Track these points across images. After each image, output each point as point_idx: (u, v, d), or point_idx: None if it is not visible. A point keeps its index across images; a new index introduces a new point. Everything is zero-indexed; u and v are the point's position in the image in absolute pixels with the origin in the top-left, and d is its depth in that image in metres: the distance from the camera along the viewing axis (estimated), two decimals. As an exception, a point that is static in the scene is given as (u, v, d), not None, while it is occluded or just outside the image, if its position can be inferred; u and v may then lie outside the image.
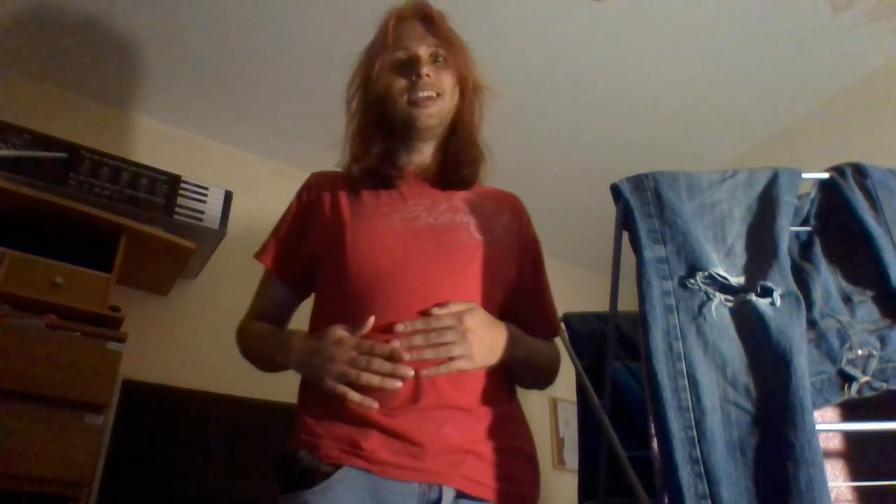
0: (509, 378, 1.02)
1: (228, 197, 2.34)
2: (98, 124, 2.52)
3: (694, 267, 1.07)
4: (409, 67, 1.07)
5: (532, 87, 2.54)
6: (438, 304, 0.92)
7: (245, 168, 2.83)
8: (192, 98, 2.59)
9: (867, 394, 1.01)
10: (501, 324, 1.00)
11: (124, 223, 2.00)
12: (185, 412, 2.17)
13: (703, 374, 0.99)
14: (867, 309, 1.10)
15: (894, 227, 1.11)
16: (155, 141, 2.64)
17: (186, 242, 2.13)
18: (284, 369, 1.06)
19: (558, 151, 2.90)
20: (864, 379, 1.01)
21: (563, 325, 1.92)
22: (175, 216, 2.19)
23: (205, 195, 2.29)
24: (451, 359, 0.89)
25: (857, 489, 1.19)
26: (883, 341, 1.03)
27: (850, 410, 1.15)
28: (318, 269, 1.07)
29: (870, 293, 1.11)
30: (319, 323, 1.01)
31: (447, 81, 1.10)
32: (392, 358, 0.88)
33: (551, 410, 3.24)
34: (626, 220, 1.16)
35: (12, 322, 1.62)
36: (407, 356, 0.88)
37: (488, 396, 0.94)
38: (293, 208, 1.15)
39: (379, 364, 0.88)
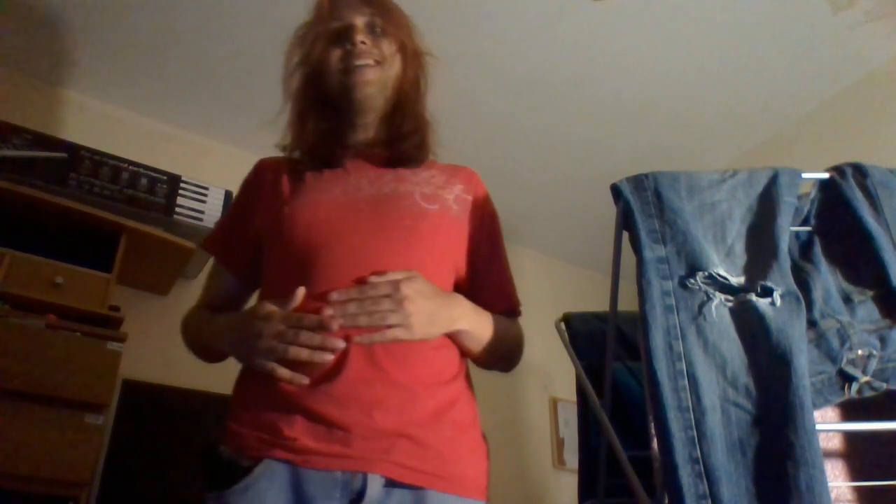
0: (457, 354, 0.96)
1: (228, 197, 2.34)
2: (97, 124, 2.52)
3: (694, 267, 1.08)
4: (345, 37, 1.03)
5: (532, 87, 2.54)
6: (376, 273, 0.88)
7: (245, 168, 2.81)
8: (193, 98, 2.59)
9: (867, 394, 1.01)
10: (449, 295, 0.95)
11: (124, 223, 2.00)
12: (185, 412, 2.17)
13: (703, 374, 0.99)
14: (867, 309, 1.10)
15: (894, 227, 1.11)
16: (155, 141, 2.64)
17: (186, 242, 2.13)
18: (224, 357, 1.01)
19: (558, 151, 2.90)
20: (864, 379, 1.01)
21: (563, 325, 1.93)
22: (175, 216, 2.19)
23: (205, 195, 2.29)
24: (389, 327, 0.84)
25: (857, 489, 1.19)
26: (883, 341, 1.03)
27: (850, 410, 1.15)
28: (263, 252, 1.03)
29: (870, 293, 1.11)
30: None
31: (386, 49, 1.04)
32: (321, 328, 0.83)
33: (551, 410, 3.24)
34: (626, 220, 1.16)
35: (12, 322, 1.62)
36: (336, 326, 0.83)
37: (432, 373, 0.89)
38: (237, 195, 1.13)
39: (307, 337, 0.83)
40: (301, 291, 0.87)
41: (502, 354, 1.04)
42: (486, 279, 1.06)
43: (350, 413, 0.82)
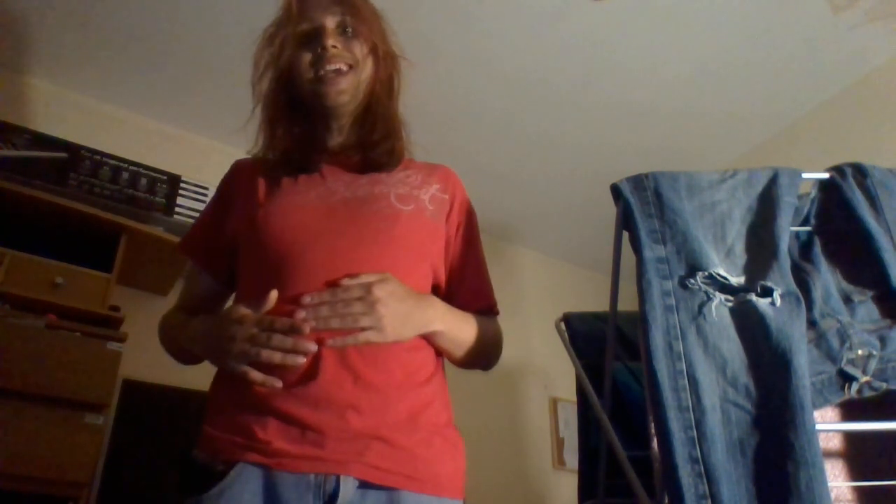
0: (433, 355, 0.96)
1: (228, 197, 2.34)
2: (97, 124, 2.52)
3: (694, 267, 1.08)
4: (315, 40, 1.00)
5: (532, 87, 2.54)
6: (349, 276, 0.88)
7: (245, 168, 2.82)
8: (193, 98, 2.59)
9: (867, 394, 1.01)
10: (422, 296, 0.94)
11: (124, 223, 2.00)
12: (184, 412, 2.16)
13: (704, 374, 0.99)
14: (867, 309, 1.10)
15: (894, 227, 1.11)
16: (155, 141, 2.64)
17: (186, 242, 2.13)
18: (199, 360, 1.01)
19: (558, 151, 2.90)
20: (864, 379, 1.01)
21: (563, 325, 1.92)
22: (175, 216, 2.20)
23: (205, 195, 2.29)
24: (361, 330, 0.85)
25: (857, 489, 1.19)
26: (883, 341, 1.03)
27: (851, 410, 1.15)
28: (238, 255, 1.03)
29: (870, 293, 1.11)
30: (238, 304, 0.96)
31: (357, 52, 1.02)
32: (293, 331, 0.83)
33: (551, 410, 3.24)
34: (626, 220, 1.16)
35: (12, 322, 1.62)
36: (308, 329, 0.83)
37: (406, 375, 0.88)
38: (213, 197, 1.12)
39: (279, 340, 0.83)
40: (274, 294, 0.87)
41: (480, 354, 1.03)
42: (463, 278, 1.05)
43: (324, 415, 0.82)
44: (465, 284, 1.05)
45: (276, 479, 0.80)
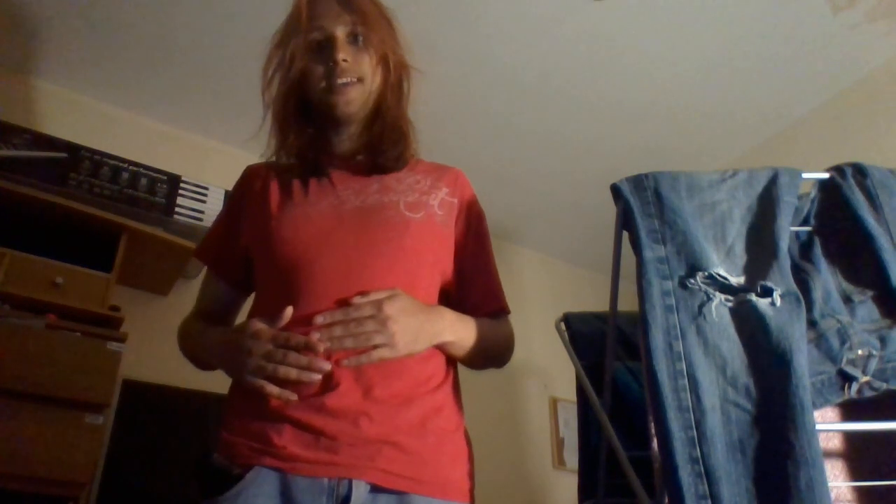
0: (444, 362, 0.98)
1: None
2: (97, 124, 2.52)
3: (694, 267, 1.08)
4: (326, 51, 1.02)
5: (532, 87, 2.54)
6: (361, 293, 0.90)
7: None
8: (193, 98, 2.59)
9: (867, 394, 1.01)
10: (431, 308, 0.97)
11: (124, 223, 2.00)
12: (185, 412, 2.17)
13: (704, 374, 0.99)
14: (867, 309, 1.10)
15: (894, 227, 1.11)
16: (155, 141, 2.64)
17: (186, 242, 2.13)
18: (216, 368, 1.03)
19: (558, 151, 2.90)
20: (864, 379, 1.01)
21: (563, 325, 1.93)
22: (175, 216, 2.20)
23: (205, 195, 2.29)
24: (374, 348, 0.87)
25: (857, 489, 1.19)
26: (883, 341, 1.04)
27: (850, 410, 1.15)
28: (252, 263, 1.05)
29: (870, 293, 1.11)
30: (254, 315, 0.98)
31: (366, 64, 1.03)
32: (308, 349, 0.86)
33: (551, 410, 3.24)
34: (626, 220, 1.16)
35: (12, 322, 1.62)
36: (322, 348, 0.86)
37: (418, 383, 0.91)
38: (227, 203, 1.15)
39: (295, 357, 0.86)
40: (289, 311, 0.89)
41: (491, 356, 1.06)
42: (474, 281, 1.07)
43: (337, 423, 0.85)
44: (476, 287, 1.07)
45: (291, 483, 0.83)
